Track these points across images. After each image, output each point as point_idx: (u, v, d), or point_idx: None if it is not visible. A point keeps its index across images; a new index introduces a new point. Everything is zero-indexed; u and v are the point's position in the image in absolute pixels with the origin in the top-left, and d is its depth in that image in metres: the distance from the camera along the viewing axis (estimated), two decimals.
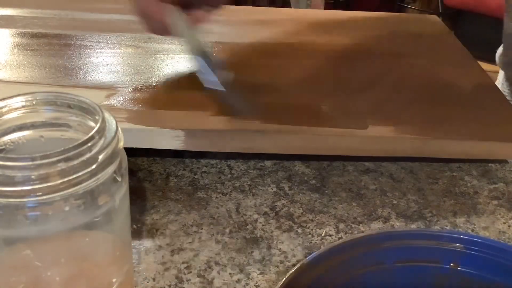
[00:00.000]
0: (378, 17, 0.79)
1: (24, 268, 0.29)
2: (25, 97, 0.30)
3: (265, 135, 0.49)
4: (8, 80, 0.54)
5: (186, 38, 0.51)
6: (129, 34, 0.66)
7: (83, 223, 0.29)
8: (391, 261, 0.37)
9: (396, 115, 0.53)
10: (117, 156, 0.29)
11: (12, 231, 0.27)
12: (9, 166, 0.25)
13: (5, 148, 0.30)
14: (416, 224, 0.45)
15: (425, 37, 0.73)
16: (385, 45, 0.69)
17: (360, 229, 0.44)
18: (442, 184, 0.50)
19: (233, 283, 0.39)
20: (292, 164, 0.52)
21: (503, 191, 0.50)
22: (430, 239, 0.37)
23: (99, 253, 0.32)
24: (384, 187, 0.49)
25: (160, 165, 0.50)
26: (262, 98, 0.54)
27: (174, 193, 0.47)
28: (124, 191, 0.30)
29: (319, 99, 0.54)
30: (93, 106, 0.30)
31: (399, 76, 0.61)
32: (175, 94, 0.53)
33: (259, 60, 0.62)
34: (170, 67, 0.59)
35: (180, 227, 0.43)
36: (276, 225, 0.44)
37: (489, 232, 0.45)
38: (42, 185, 0.26)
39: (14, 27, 0.65)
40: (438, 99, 0.57)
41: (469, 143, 0.51)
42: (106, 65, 0.58)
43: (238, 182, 0.49)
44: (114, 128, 0.29)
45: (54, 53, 0.60)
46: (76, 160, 0.26)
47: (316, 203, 0.47)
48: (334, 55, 0.65)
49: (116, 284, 0.32)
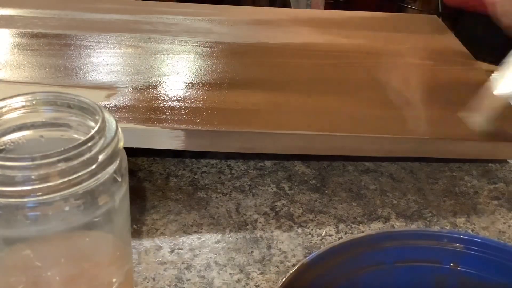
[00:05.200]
0: (378, 17, 0.79)
1: (24, 268, 0.29)
2: (25, 97, 0.30)
3: (265, 135, 0.49)
4: (8, 80, 0.54)
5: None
6: (129, 34, 0.65)
7: (83, 223, 0.29)
8: (391, 261, 0.37)
9: (396, 115, 0.53)
10: (117, 156, 0.29)
11: (12, 231, 0.27)
12: (9, 166, 0.25)
13: (5, 148, 0.30)
14: (416, 224, 0.45)
15: (425, 37, 0.73)
16: (385, 45, 0.69)
17: (360, 229, 0.44)
18: (442, 184, 0.50)
19: (233, 283, 0.39)
20: (292, 164, 0.51)
21: (503, 191, 0.50)
22: (430, 239, 0.37)
23: (99, 253, 0.32)
24: (384, 187, 0.49)
25: (160, 165, 0.50)
26: (262, 98, 0.54)
27: (174, 193, 0.47)
28: (124, 191, 0.30)
29: (319, 99, 0.54)
30: (93, 106, 0.30)
31: (399, 76, 0.61)
32: (175, 94, 0.53)
33: (259, 60, 0.62)
34: (170, 67, 0.59)
35: (180, 227, 0.43)
36: (276, 225, 0.44)
37: (489, 232, 0.45)
38: (42, 185, 0.26)
39: (14, 27, 0.65)
40: (438, 99, 0.57)
41: (469, 143, 0.51)
42: (106, 65, 0.58)
43: (238, 182, 0.49)
44: (114, 128, 0.29)
45: (54, 53, 0.60)
46: (76, 160, 0.26)
47: (316, 203, 0.47)
48: (334, 55, 0.65)
49: (116, 284, 0.32)
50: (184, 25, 0.70)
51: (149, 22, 0.69)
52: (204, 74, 0.58)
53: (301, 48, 0.66)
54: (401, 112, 0.54)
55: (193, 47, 0.64)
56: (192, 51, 0.63)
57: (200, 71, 0.58)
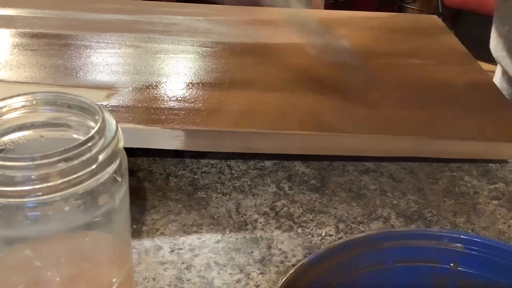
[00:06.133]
0: (378, 17, 0.79)
1: (24, 268, 0.29)
2: (25, 97, 0.30)
3: (265, 135, 0.49)
4: (8, 80, 0.54)
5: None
6: (129, 34, 0.65)
7: (83, 223, 0.29)
8: (391, 261, 0.37)
9: (396, 115, 0.53)
10: (117, 156, 0.29)
11: (12, 231, 0.27)
12: (9, 166, 0.25)
13: (5, 148, 0.30)
14: (416, 224, 0.45)
15: (425, 37, 0.73)
16: (385, 45, 0.69)
17: (360, 229, 0.44)
18: (442, 184, 0.50)
19: (233, 283, 0.39)
20: (292, 164, 0.52)
21: (503, 191, 0.50)
22: (430, 239, 0.37)
23: (99, 253, 0.32)
24: (384, 187, 0.49)
25: (160, 165, 0.50)
26: (261, 98, 0.54)
27: (174, 193, 0.47)
28: (124, 191, 0.30)
29: (319, 99, 0.54)
30: (93, 106, 0.30)
31: (399, 76, 0.61)
32: (175, 94, 0.53)
33: (259, 60, 0.62)
34: (170, 67, 0.59)
35: (180, 227, 0.43)
36: (276, 225, 0.44)
37: (489, 232, 0.45)
38: (42, 185, 0.26)
39: (14, 27, 0.65)
40: (438, 99, 0.57)
41: (469, 143, 0.51)
42: (106, 65, 0.58)
43: (238, 182, 0.49)
44: (114, 128, 0.29)
45: (54, 53, 0.60)
46: (76, 160, 0.26)
47: (316, 203, 0.47)
48: (334, 55, 0.65)
49: (116, 284, 0.32)
50: (184, 25, 0.70)
51: (149, 22, 0.69)
52: (204, 74, 0.58)
53: (301, 48, 0.66)
54: (401, 112, 0.54)
55: (193, 47, 0.64)
56: (192, 51, 0.63)
57: (200, 71, 0.58)
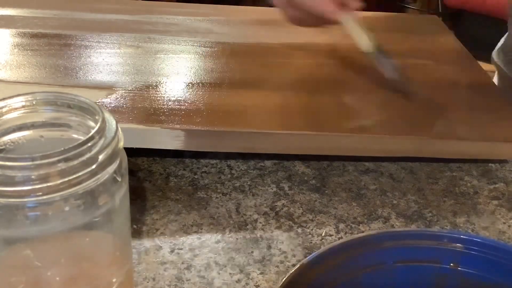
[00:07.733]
0: (378, 17, 0.79)
1: (24, 268, 0.29)
2: (25, 97, 0.30)
3: (265, 135, 0.49)
4: (8, 80, 0.54)
5: (367, 36, 0.58)
6: (129, 34, 0.65)
7: (83, 223, 0.29)
8: (391, 261, 0.37)
9: (396, 115, 0.53)
10: (117, 156, 0.29)
11: (12, 231, 0.27)
12: (9, 166, 0.25)
13: (5, 148, 0.30)
14: (416, 224, 0.45)
15: (425, 37, 0.73)
16: (385, 45, 0.69)
17: (360, 229, 0.44)
18: (442, 184, 0.50)
19: (233, 283, 0.39)
20: (292, 164, 0.51)
21: (503, 191, 0.50)
22: (430, 239, 0.37)
23: (99, 253, 0.32)
24: (384, 187, 0.49)
25: (160, 165, 0.50)
26: (261, 98, 0.54)
27: (174, 193, 0.47)
28: (124, 191, 0.30)
29: (319, 99, 0.54)
30: (93, 106, 0.30)
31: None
32: (175, 94, 0.53)
33: (259, 60, 0.62)
34: (170, 67, 0.59)
35: (180, 227, 0.43)
36: (276, 225, 0.44)
37: (489, 232, 0.45)
38: (42, 185, 0.26)
39: (14, 27, 0.65)
40: (438, 99, 0.57)
41: (469, 143, 0.51)
42: (106, 65, 0.58)
43: (238, 182, 0.49)
44: (114, 128, 0.29)
45: (54, 53, 0.60)
46: (76, 160, 0.26)
47: (316, 203, 0.47)
48: (334, 55, 0.65)
49: (116, 284, 0.32)
50: (184, 25, 0.70)
51: (149, 22, 0.69)
52: (204, 74, 0.58)
53: (301, 48, 0.66)
54: (401, 112, 0.54)
55: (193, 47, 0.64)
56: (192, 51, 0.63)
57: (200, 71, 0.58)
